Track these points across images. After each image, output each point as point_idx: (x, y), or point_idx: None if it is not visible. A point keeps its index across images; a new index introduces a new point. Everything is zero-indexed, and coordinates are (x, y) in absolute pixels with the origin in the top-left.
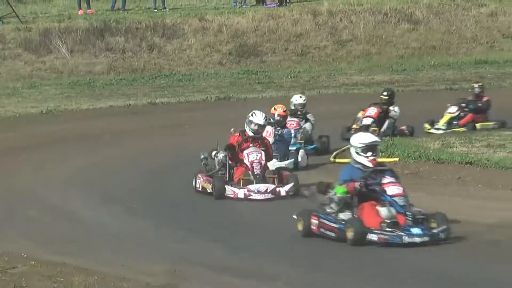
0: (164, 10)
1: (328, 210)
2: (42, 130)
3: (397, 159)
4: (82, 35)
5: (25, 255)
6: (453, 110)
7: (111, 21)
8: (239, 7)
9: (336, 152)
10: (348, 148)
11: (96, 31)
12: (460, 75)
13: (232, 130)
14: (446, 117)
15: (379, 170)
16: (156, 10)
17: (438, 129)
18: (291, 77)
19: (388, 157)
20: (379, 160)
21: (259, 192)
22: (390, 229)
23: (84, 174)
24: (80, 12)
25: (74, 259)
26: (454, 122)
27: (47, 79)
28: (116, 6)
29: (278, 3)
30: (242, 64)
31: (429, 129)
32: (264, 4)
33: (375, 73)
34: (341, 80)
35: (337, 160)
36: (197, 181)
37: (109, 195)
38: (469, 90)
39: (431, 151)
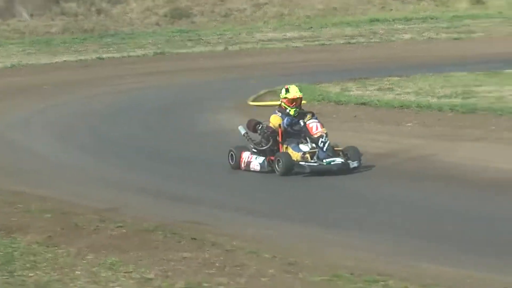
0: None
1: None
2: (7, 81)
3: (304, 101)
4: (40, 1)
5: None
6: None
7: None
8: None
9: (254, 96)
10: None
11: None
12: (357, 31)
13: None
14: None
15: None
16: None
17: None
18: (216, 35)
19: None
20: None
21: None
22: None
23: (42, 116)
24: None
25: (32, 189)
26: None
27: (11, 39)
28: None
29: None
30: (176, 25)
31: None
32: None
33: (286, 31)
34: (258, 37)
35: (254, 103)
36: None
37: (63, 133)
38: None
39: (332, 95)
